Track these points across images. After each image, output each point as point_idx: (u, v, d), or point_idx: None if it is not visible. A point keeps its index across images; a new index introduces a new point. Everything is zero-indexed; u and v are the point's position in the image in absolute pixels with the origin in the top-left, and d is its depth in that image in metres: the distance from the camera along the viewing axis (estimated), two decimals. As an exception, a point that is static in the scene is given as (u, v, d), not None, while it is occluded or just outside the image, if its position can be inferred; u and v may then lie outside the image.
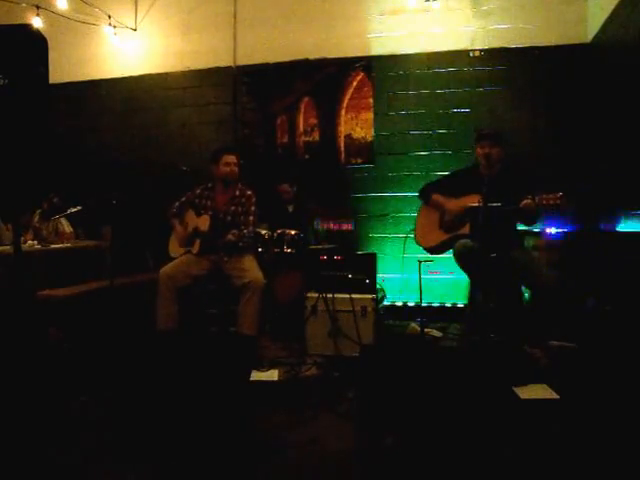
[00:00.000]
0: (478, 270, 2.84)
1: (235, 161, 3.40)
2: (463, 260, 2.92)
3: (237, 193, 3.45)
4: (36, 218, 4.27)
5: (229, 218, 3.37)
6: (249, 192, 3.47)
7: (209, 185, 3.49)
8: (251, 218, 3.38)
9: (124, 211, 3.36)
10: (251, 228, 3.32)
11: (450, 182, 3.21)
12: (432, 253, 3.25)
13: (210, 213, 3.33)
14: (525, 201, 2.67)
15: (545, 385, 2.51)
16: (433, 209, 3.20)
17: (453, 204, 3.06)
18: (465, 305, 3.87)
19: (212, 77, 4.89)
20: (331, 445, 2.03)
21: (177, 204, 3.53)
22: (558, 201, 2.59)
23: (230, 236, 3.15)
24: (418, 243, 3.28)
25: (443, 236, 3.12)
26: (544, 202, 2.62)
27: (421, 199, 3.31)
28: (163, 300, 3.16)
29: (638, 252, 2.85)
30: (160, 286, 3.16)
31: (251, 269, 3.22)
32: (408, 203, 4.39)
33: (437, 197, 3.16)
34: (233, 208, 3.40)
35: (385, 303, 4.21)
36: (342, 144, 4.64)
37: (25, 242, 3.63)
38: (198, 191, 3.51)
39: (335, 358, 3.14)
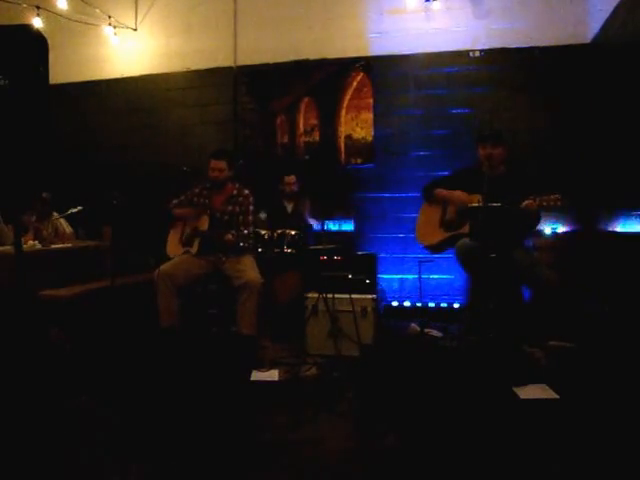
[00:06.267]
0: (479, 269, 2.85)
1: (220, 167, 3.37)
2: (464, 259, 2.93)
3: (234, 192, 3.46)
4: (33, 218, 4.27)
5: (226, 218, 3.38)
6: (246, 192, 3.48)
7: (207, 185, 3.50)
8: (250, 218, 3.39)
9: (124, 211, 3.37)
10: (250, 228, 3.33)
11: (453, 180, 3.21)
12: (432, 252, 3.25)
13: (208, 213, 3.34)
14: (527, 202, 2.68)
15: (545, 385, 2.51)
16: (435, 206, 3.20)
17: (459, 194, 3.04)
18: (465, 305, 3.87)
19: (212, 77, 4.89)
20: (331, 445, 2.04)
21: (176, 201, 3.54)
22: (558, 202, 2.60)
23: (229, 236, 3.15)
24: (418, 241, 3.29)
25: (443, 235, 3.13)
26: (544, 204, 2.63)
27: (424, 196, 3.31)
28: (163, 297, 3.16)
29: (638, 252, 2.86)
30: (158, 284, 3.15)
31: (249, 269, 3.23)
32: (408, 203, 4.39)
33: (441, 191, 3.16)
34: (230, 208, 3.41)
35: (385, 303, 4.21)
36: (342, 144, 4.64)
37: (26, 242, 3.63)
38: (197, 190, 3.53)
39: (335, 358, 3.14)
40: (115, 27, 4.91)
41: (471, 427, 2.14)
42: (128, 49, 5.08)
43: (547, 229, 3.78)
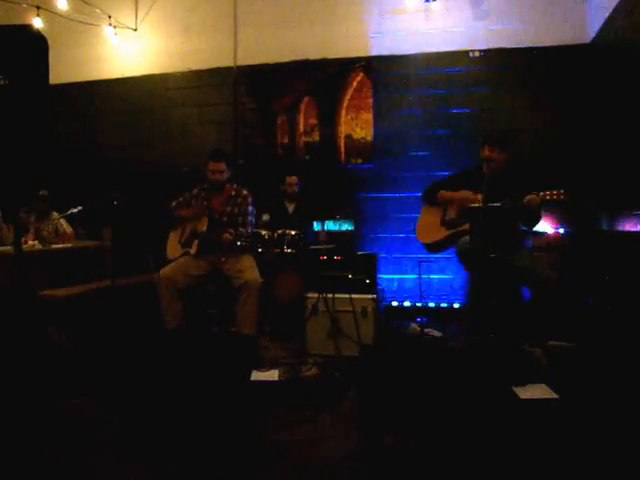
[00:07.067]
0: (480, 268, 2.85)
1: (220, 168, 3.37)
2: (465, 257, 2.93)
3: (233, 193, 3.46)
4: (33, 218, 4.27)
5: (225, 219, 3.38)
6: (245, 192, 3.48)
7: (205, 186, 3.51)
8: (249, 218, 3.39)
9: (125, 211, 3.37)
10: (249, 228, 3.33)
11: (453, 182, 3.21)
12: (433, 250, 3.25)
13: (207, 214, 3.34)
14: (529, 197, 2.67)
15: (544, 385, 2.51)
16: (436, 207, 3.20)
17: (464, 193, 3.03)
18: (465, 305, 3.87)
19: (212, 77, 4.90)
20: (331, 445, 2.04)
21: (175, 203, 3.54)
22: (562, 197, 2.60)
23: (227, 235, 3.16)
24: (419, 240, 3.29)
25: (444, 233, 3.13)
26: (547, 197, 2.63)
27: (425, 200, 3.30)
28: (165, 301, 3.18)
29: (638, 252, 2.86)
30: (160, 288, 3.18)
31: (248, 269, 3.23)
32: (408, 203, 4.39)
33: (444, 193, 3.15)
34: (229, 209, 3.42)
35: (385, 303, 4.21)
36: (342, 144, 4.64)
37: (26, 242, 3.64)
38: (195, 191, 3.53)
39: (335, 358, 3.14)
40: (115, 27, 4.91)
41: (471, 427, 2.14)
42: (128, 49, 5.08)
43: (547, 229, 3.78)
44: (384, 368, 2.95)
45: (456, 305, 4.25)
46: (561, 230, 3.81)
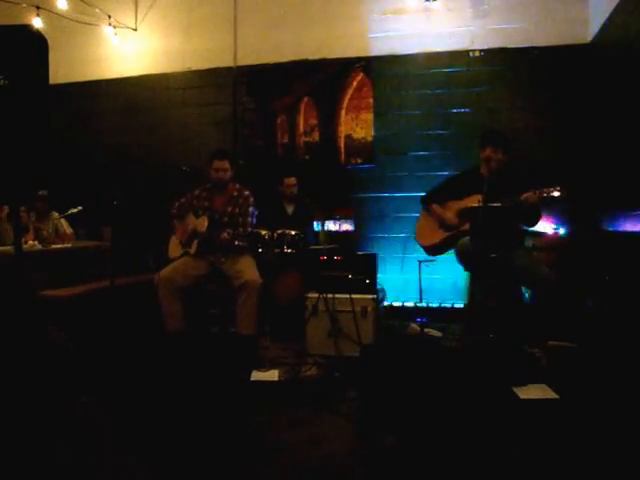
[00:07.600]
0: (479, 269, 2.85)
1: (224, 167, 3.40)
2: (464, 258, 2.93)
3: (234, 194, 3.47)
4: (33, 218, 4.27)
5: (226, 219, 3.39)
6: (246, 192, 3.48)
7: (207, 186, 3.52)
8: (248, 219, 3.39)
9: (124, 211, 3.37)
10: (249, 229, 3.34)
11: (452, 184, 3.23)
12: (432, 252, 3.26)
13: (208, 214, 3.35)
14: (526, 194, 2.68)
15: (544, 385, 2.51)
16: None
17: (450, 215, 3.09)
18: (465, 305, 3.87)
19: (212, 77, 4.89)
20: (331, 445, 2.04)
21: (177, 204, 3.55)
22: (559, 192, 2.61)
23: (225, 234, 3.16)
24: (418, 242, 3.30)
25: (443, 234, 3.13)
26: (544, 194, 2.64)
27: (422, 206, 3.34)
28: (165, 301, 3.18)
29: (638, 252, 2.86)
30: (159, 289, 3.17)
31: (247, 269, 3.23)
32: (408, 203, 4.39)
33: (436, 208, 3.21)
34: (230, 209, 3.42)
35: (385, 303, 4.21)
36: (342, 144, 4.64)
37: (26, 242, 3.63)
38: (197, 192, 3.53)
39: (335, 358, 3.14)
40: (115, 27, 4.90)
41: (471, 427, 2.14)
42: (128, 49, 5.08)
43: (547, 229, 3.78)
44: (384, 368, 2.95)
45: (456, 305, 4.25)
46: (561, 230, 3.81)
